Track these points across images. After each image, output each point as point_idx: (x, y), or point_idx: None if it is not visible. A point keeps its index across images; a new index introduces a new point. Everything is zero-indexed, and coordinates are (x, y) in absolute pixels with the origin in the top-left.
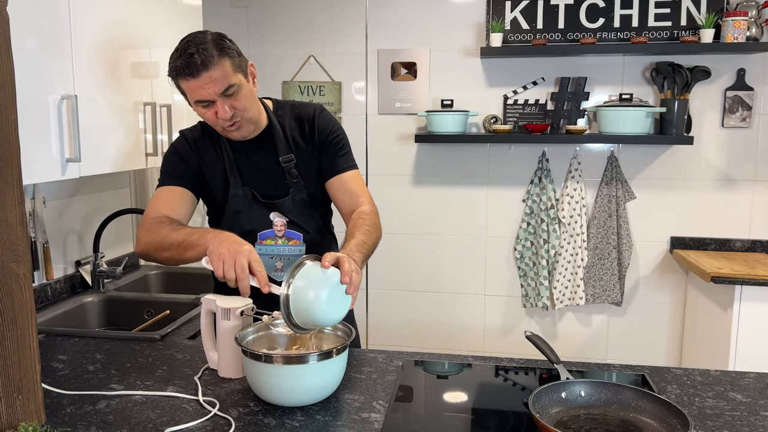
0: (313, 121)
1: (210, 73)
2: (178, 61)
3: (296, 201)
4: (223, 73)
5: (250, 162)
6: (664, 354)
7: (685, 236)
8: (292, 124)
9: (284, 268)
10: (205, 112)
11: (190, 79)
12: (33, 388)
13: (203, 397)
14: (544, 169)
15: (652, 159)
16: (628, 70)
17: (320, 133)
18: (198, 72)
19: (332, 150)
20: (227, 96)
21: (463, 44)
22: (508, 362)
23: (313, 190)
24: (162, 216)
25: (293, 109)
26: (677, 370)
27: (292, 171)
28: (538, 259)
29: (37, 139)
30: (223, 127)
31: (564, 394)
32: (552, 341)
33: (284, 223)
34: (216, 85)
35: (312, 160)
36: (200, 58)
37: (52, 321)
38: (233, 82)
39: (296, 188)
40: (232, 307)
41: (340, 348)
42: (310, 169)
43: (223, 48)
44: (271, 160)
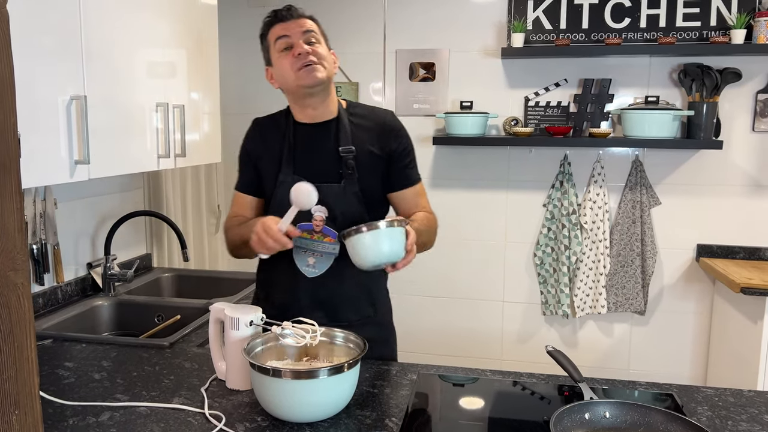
0: (386, 125)
1: (298, 21)
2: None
3: (347, 192)
4: (309, 25)
5: (309, 149)
6: (689, 366)
7: (713, 244)
8: (361, 122)
9: (316, 264)
10: (285, 56)
11: (280, 23)
12: (31, 402)
13: (209, 411)
14: (565, 173)
15: (678, 164)
16: (655, 72)
17: (392, 141)
18: (289, 17)
19: (402, 162)
20: (308, 42)
21: (484, 44)
22: (527, 377)
23: (366, 186)
24: (233, 217)
25: (366, 109)
26: (708, 389)
27: (349, 162)
28: (559, 266)
29: (46, 141)
30: (298, 68)
31: (587, 416)
32: (572, 350)
33: (323, 218)
34: (301, 27)
35: (375, 163)
36: (293, 10)
37: (61, 325)
38: (316, 32)
39: (349, 180)
40: (241, 317)
41: (351, 362)
42: (369, 169)
43: (314, 19)
44: (330, 149)
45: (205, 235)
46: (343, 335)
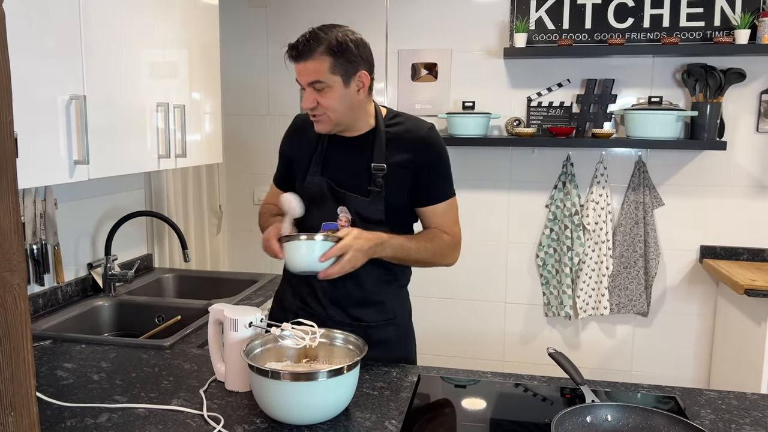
0: (422, 139)
1: (305, 64)
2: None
3: (372, 206)
4: (316, 68)
5: (342, 159)
6: (692, 368)
7: (716, 245)
8: (399, 135)
9: None
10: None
11: (292, 62)
12: (27, 404)
13: (207, 413)
14: (568, 174)
15: (682, 164)
16: (658, 72)
17: (428, 153)
18: (296, 59)
19: (430, 176)
20: (315, 89)
21: (486, 44)
22: (529, 379)
23: (393, 203)
24: (266, 205)
25: (406, 120)
26: (711, 392)
27: (378, 180)
28: (562, 267)
29: (45, 141)
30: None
31: (589, 419)
32: (574, 351)
33: (349, 219)
34: (307, 76)
35: (405, 177)
36: (303, 47)
37: (61, 325)
38: (322, 79)
39: (376, 196)
40: (240, 318)
41: (351, 364)
42: (399, 184)
43: (333, 49)
44: (363, 163)
45: (207, 235)
46: (343, 337)
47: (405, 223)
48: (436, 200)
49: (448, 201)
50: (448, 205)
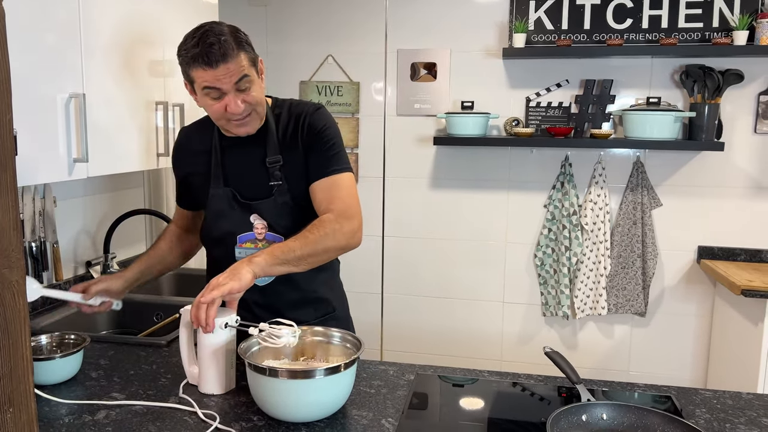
0: (304, 120)
1: (228, 65)
2: (196, 49)
3: (278, 203)
4: (239, 66)
5: (238, 161)
6: (689, 368)
7: (714, 246)
8: (286, 122)
9: None
10: (213, 104)
11: (207, 69)
12: (25, 401)
13: (204, 410)
14: (566, 174)
15: (680, 165)
16: (657, 73)
17: (308, 133)
18: (216, 63)
19: (317, 152)
20: (240, 90)
21: (485, 45)
22: (526, 378)
23: (298, 192)
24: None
25: (291, 107)
26: (706, 392)
27: (276, 173)
28: (559, 267)
29: (44, 139)
30: (228, 120)
31: (585, 417)
32: (572, 351)
33: (265, 225)
34: (232, 76)
35: (299, 161)
36: (220, 49)
37: (59, 323)
38: (249, 73)
39: (280, 190)
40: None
41: (348, 362)
42: (296, 171)
43: (240, 41)
44: (258, 160)
45: None
46: (340, 335)
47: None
48: (318, 176)
49: (333, 177)
50: (332, 181)
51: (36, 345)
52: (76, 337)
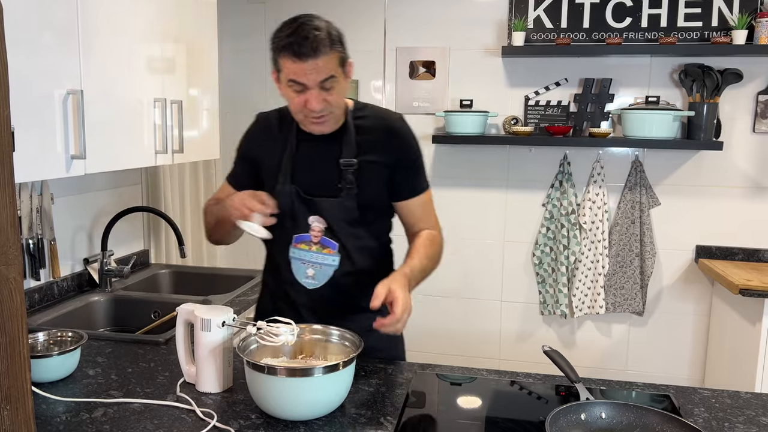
0: (391, 130)
1: (317, 61)
2: (289, 39)
3: (344, 206)
4: (327, 64)
5: (310, 157)
6: (687, 367)
7: (712, 245)
8: (367, 128)
9: (316, 276)
10: (294, 97)
11: (296, 61)
12: (22, 398)
13: (200, 408)
14: (565, 173)
15: (678, 164)
16: (656, 72)
17: (397, 145)
18: (306, 57)
19: (407, 169)
20: (324, 88)
21: (484, 43)
22: (524, 377)
23: (365, 200)
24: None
25: (374, 112)
26: (705, 391)
27: (348, 176)
28: (558, 266)
29: (42, 135)
30: (305, 116)
31: (583, 416)
32: (570, 350)
33: (322, 229)
34: (319, 73)
35: (379, 171)
36: (312, 44)
37: (56, 321)
38: (336, 74)
39: (348, 193)
40: (213, 318)
41: (347, 360)
42: (372, 180)
43: (334, 40)
44: (331, 159)
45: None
46: (339, 333)
47: (383, 220)
48: (414, 193)
49: (426, 193)
50: (425, 198)
51: (33, 342)
52: (74, 334)
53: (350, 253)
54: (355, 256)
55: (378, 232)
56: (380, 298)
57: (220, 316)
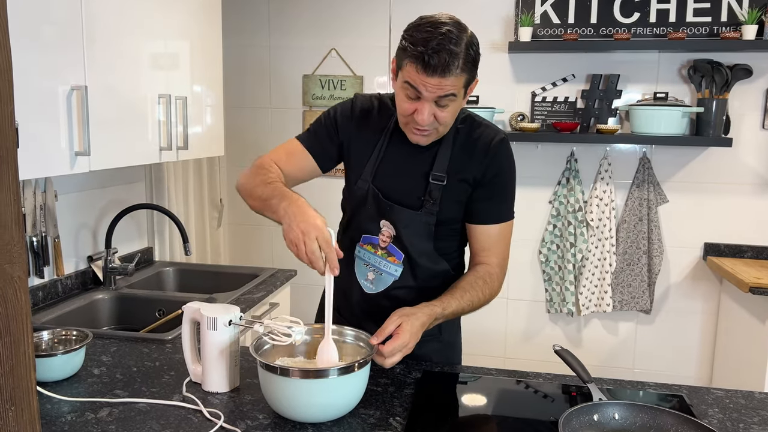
0: (489, 151)
1: (443, 80)
2: (422, 46)
3: (422, 221)
4: (453, 84)
5: (399, 162)
6: (695, 366)
7: (720, 243)
8: (463, 142)
9: (375, 281)
10: (404, 101)
11: (420, 73)
12: (27, 398)
13: (207, 409)
14: (572, 170)
15: (687, 161)
16: (664, 68)
17: (488, 169)
18: (434, 72)
19: (490, 194)
20: (439, 105)
21: (491, 39)
22: (533, 377)
23: (444, 218)
24: (270, 163)
25: (474, 125)
26: (718, 391)
27: (434, 192)
28: (564, 263)
29: (46, 132)
30: (408, 123)
31: (596, 417)
32: (577, 349)
33: (391, 235)
34: (440, 90)
35: (463, 189)
36: (445, 61)
37: (60, 319)
38: (456, 93)
39: (428, 210)
40: (219, 316)
41: (361, 361)
42: (454, 197)
43: (468, 60)
44: (420, 169)
45: (207, 229)
46: (354, 333)
47: (453, 239)
48: (493, 220)
49: (507, 224)
50: (504, 228)
51: (37, 341)
52: (78, 333)
53: (414, 268)
54: (418, 272)
55: (448, 251)
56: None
57: (226, 314)
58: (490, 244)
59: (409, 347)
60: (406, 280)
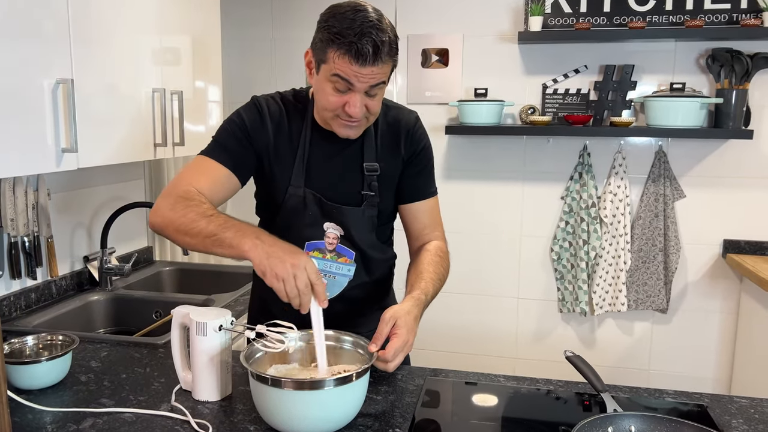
0: (409, 132)
1: (375, 68)
2: (350, 37)
3: (365, 215)
4: (383, 72)
5: (326, 160)
6: (713, 368)
7: (740, 239)
8: (385, 127)
9: (329, 286)
10: (331, 95)
11: (352, 64)
12: None
13: (195, 419)
14: (585, 165)
15: (705, 154)
16: (681, 57)
17: (413, 148)
18: (365, 62)
19: (419, 170)
20: (369, 94)
21: (500, 29)
22: (544, 383)
23: (384, 207)
24: (196, 193)
25: (388, 110)
26: (742, 400)
27: (373, 183)
28: (577, 261)
29: (30, 127)
30: (337, 116)
31: (611, 430)
32: (590, 350)
33: (337, 236)
34: (371, 80)
35: (394, 175)
36: (379, 51)
37: (54, 321)
38: (384, 80)
39: (369, 202)
40: (209, 321)
41: (360, 371)
42: (389, 184)
43: (393, 47)
44: (353, 164)
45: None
46: (352, 340)
47: (388, 227)
48: (427, 195)
49: (435, 198)
50: (434, 203)
51: (21, 347)
52: (65, 338)
53: (367, 263)
54: (371, 266)
55: (385, 239)
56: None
57: (216, 319)
58: (430, 219)
59: (410, 345)
60: (360, 277)
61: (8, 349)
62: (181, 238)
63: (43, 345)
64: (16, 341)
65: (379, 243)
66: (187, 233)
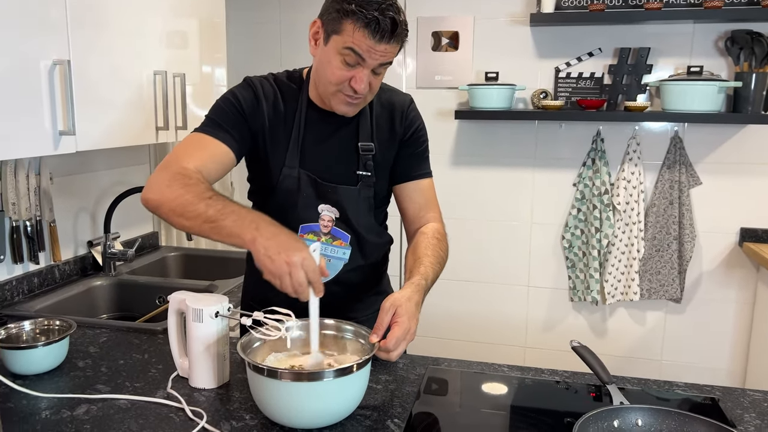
0: (403, 113)
1: (389, 46)
2: (375, 12)
3: (361, 196)
4: (393, 52)
5: (321, 141)
6: (728, 359)
7: (758, 228)
8: (379, 109)
9: None
10: (339, 68)
11: (369, 39)
12: None
13: (190, 407)
14: (598, 150)
15: (722, 140)
16: (699, 40)
17: (407, 128)
18: (383, 38)
19: (414, 151)
20: (375, 72)
21: (511, 11)
22: (549, 374)
23: (380, 188)
24: (194, 171)
25: (382, 92)
26: (755, 393)
27: (368, 162)
28: (589, 249)
29: (26, 110)
30: (339, 91)
31: (617, 423)
32: (601, 339)
33: (332, 218)
34: (382, 57)
35: (389, 156)
36: (395, 28)
37: (56, 306)
38: (392, 61)
39: (365, 183)
40: (205, 308)
41: (361, 362)
42: (384, 165)
43: (406, 31)
44: (348, 145)
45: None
46: (353, 329)
47: (383, 209)
48: (420, 176)
49: (429, 179)
50: (428, 184)
51: (18, 332)
52: (62, 323)
53: (363, 246)
54: (367, 249)
55: (382, 222)
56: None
57: (213, 305)
58: (426, 200)
59: (412, 332)
60: (355, 260)
61: (5, 334)
62: (176, 219)
63: (40, 330)
64: (12, 326)
65: (376, 225)
66: (183, 215)
